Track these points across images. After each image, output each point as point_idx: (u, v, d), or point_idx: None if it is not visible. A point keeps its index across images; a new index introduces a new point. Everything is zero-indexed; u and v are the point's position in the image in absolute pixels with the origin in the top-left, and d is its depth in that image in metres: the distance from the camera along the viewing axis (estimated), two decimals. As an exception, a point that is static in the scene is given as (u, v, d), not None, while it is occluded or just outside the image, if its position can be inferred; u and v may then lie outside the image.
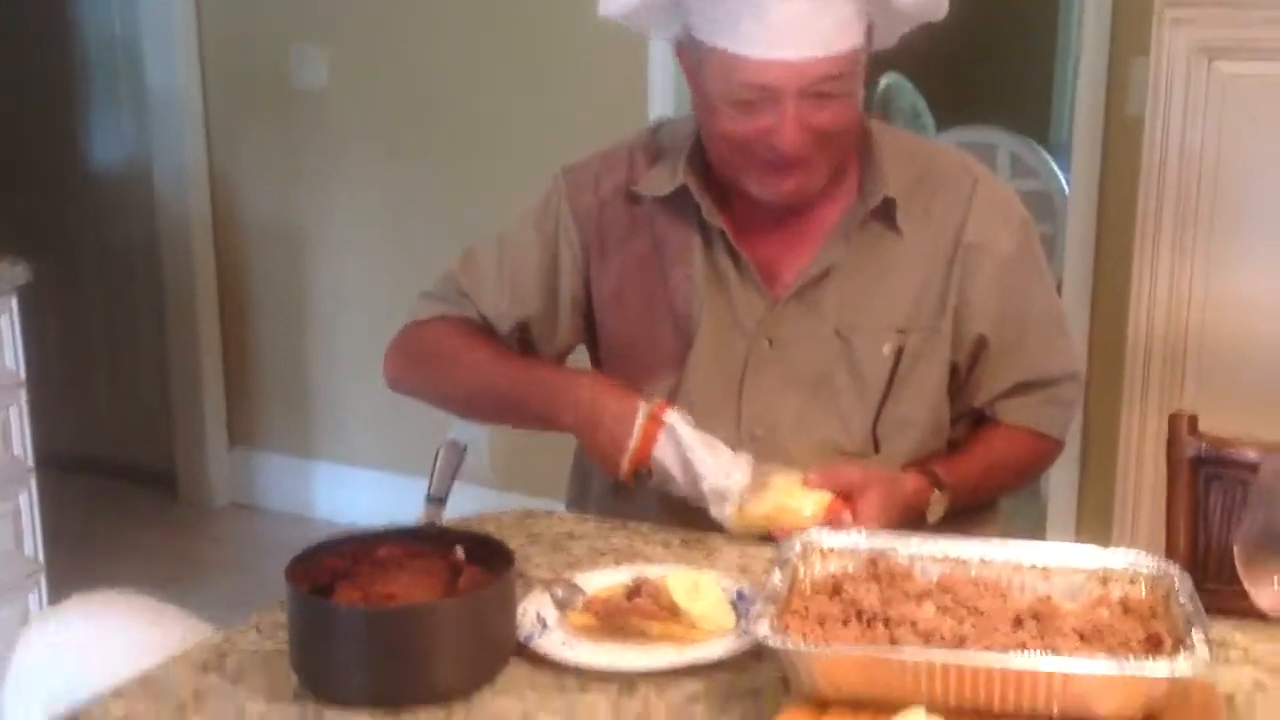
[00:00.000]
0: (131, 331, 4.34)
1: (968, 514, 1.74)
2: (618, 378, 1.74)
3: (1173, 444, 1.77)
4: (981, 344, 1.77)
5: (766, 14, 1.57)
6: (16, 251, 2.96)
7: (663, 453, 1.64)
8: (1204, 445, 1.75)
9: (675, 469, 1.63)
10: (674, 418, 1.65)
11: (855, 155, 1.76)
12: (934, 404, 1.77)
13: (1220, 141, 2.46)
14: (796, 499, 1.60)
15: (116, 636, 1.46)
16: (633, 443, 1.64)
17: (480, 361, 1.80)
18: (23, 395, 2.93)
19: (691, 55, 1.67)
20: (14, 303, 2.89)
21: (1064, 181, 3.59)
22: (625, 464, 1.65)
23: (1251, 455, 1.70)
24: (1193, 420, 1.77)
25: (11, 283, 2.89)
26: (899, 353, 1.73)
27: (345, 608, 1.31)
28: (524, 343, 1.86)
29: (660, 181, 1.77)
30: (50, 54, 4.30)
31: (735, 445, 1.68)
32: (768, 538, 1.60)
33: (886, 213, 1.73)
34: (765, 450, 1.70)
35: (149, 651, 1.39)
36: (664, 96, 3.37)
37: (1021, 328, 1.78)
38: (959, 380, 1.79)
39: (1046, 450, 1.85)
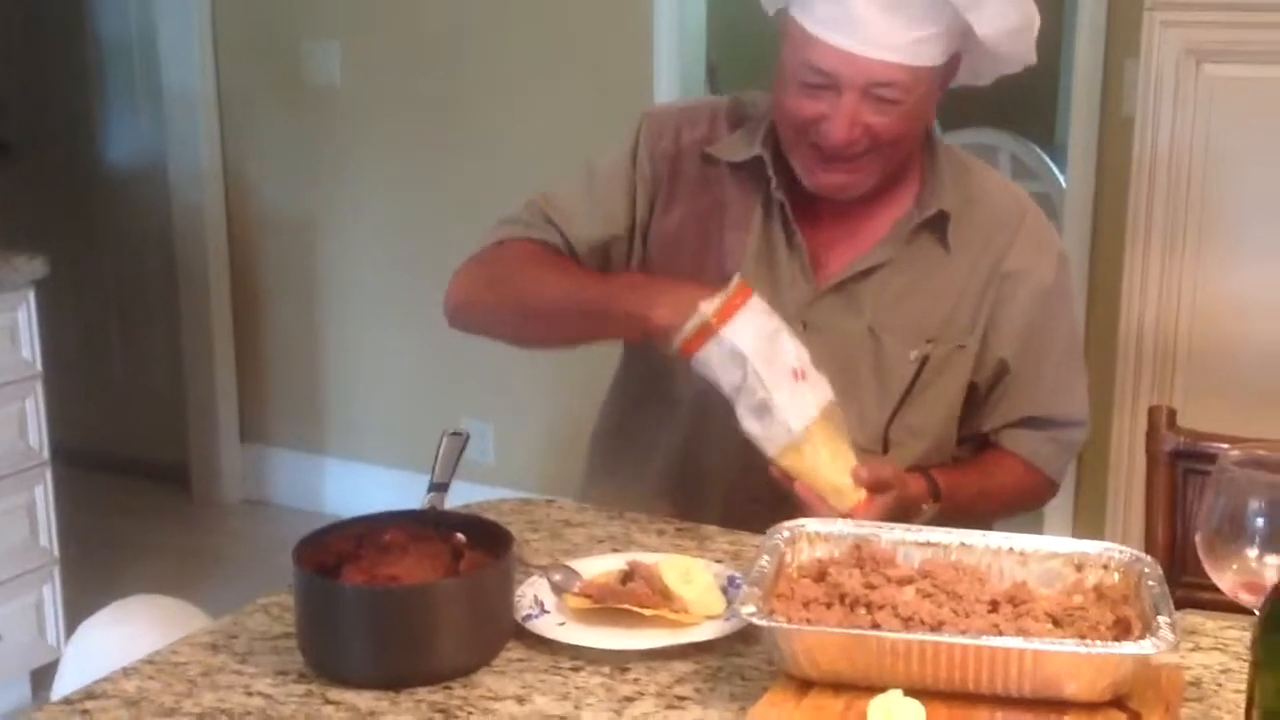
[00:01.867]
0: (146, 328, 4.40)
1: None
2: None
3: (1151, 438, 1.81)
4: (1002, 369, 1.81)
5: (848, 5, 1.62)
6: (34, 247, 3.03)
7: (736, 334, 1.58)
8: (1182, 439, 1.79)
9: (748, 350, 1.58)
10: (758, 306, 1.61)
11: (919, 164, 1.81)
12: (946, 418, 1.81)
13: (1209, 143, 2.50)
14: (841, 480, 1.59)
15: (153, 637, 1.52)
16: (710, 307, 1.58)
17: (568, 270, 1.81)
18: (39, 388, 2.99)
19: (783, 24, 1.72)
20: (31, 296, 2.96)
21: (1064, 183, 3.63)
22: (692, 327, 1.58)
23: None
24: (1171, 414, 1.80)
25: (29, 276, 2.95)
26: (924, 361, 1.77)
27: (350, 587, 1.36)
28: (601, 265, 1.86)
29: (737, 148, 1.82)
30: (67, 52, 4.37)
31: None
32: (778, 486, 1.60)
33: (938, 225, 1.78)
34: None
35: None
36: (669, 87, 3.45)
37: (1039, 361, 1.82)
38: (975, 402, 1.83)
39: (1038, 486, 1.87)
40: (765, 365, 1.57)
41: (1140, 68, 2.58)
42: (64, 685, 1.60)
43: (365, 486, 3.99)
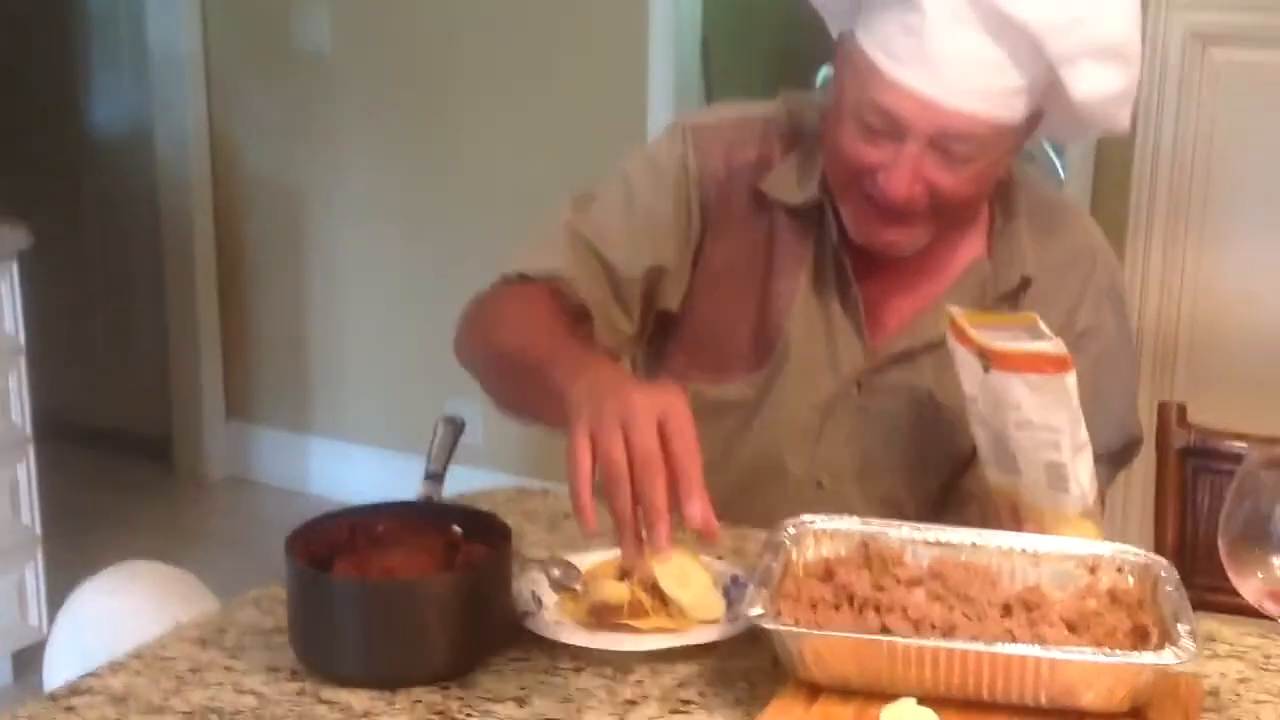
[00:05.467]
0: (130, 300, 4.35)
1: None
2: (688, 365, 1.66)
3: (1161, 434, 1.77)
4: None
5: (927, 39, 1.42)
6: (17, 215, 2.97)
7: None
8: (1193, 436, 1.75)
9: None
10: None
11: (991, 205, 1.63)
12: None
13: (1214, 129, 2.48)
14: None
15: (148, 604, 1.48)
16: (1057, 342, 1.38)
17: (528, 324, 1.54)
18: (22, 362, 2.95)
19: (844, 52, 1.53)
20: (14, 267, 2.91)
21: (1061, 171, 3.59)
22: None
23: (1240, 448, 1.70)
24: (1181, 410, 1.77)
25: (13, 247, 2.91)
26: None
27: (341, 580, 1.32)
28: (647, 297, 1.67)
29: (791, 186, 1.63)
30: (52, 15, 4.30)
31: (800, 489, 1.61)
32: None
33: (1017, 291, 1.62)
34: (825, 499, 1.59)
35: (175, 618, 1.40)
36: (664, 55, 3.40)
37: (1108, 408, 1.66)
38: None
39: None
40: (1080, 427, 1.41)
41: (1144, 51, 2.53)
42: (55, 655, 1.56)
43: (351, 466, 3.95)
